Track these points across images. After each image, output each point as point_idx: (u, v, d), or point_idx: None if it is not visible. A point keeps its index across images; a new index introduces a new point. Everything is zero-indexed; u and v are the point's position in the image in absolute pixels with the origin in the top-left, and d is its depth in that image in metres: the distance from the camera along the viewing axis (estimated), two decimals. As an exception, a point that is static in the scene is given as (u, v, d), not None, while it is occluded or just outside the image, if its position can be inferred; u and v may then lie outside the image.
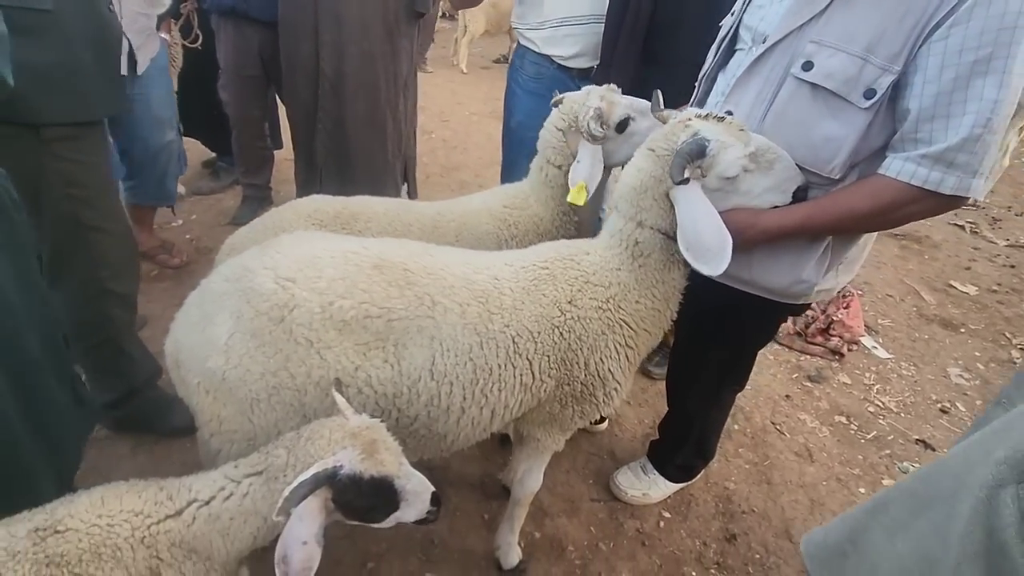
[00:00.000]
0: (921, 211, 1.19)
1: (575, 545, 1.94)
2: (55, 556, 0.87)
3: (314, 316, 1.15)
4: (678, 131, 1.26)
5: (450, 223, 1.74)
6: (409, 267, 1.25)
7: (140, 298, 2.65)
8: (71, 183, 1.64)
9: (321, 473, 0.93)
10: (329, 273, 1.18)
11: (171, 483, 1.03)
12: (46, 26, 1.46)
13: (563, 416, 1.48)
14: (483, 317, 1.26)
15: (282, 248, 1.24)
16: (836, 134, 1.22)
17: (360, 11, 2.41)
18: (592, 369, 1.38)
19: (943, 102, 1.09)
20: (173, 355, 1.24)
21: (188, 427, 1.95)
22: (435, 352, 1.22)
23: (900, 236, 4.54)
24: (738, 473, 2.29)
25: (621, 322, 1.37)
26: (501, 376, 1.29)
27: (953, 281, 3.96)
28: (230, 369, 1.13)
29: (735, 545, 2.00)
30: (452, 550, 1.87)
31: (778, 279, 1.39)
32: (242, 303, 1.15)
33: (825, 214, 1.25)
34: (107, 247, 1.81)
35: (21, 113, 1.47)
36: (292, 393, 1.17)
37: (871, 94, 1.16)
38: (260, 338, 1.14)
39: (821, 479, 2.30)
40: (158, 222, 3.11)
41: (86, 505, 0.94)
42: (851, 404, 2.75)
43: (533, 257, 1.40)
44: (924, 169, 1.13)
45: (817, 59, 1.21)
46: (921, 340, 3.31)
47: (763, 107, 1.32)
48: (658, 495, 2.09)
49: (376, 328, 1.19)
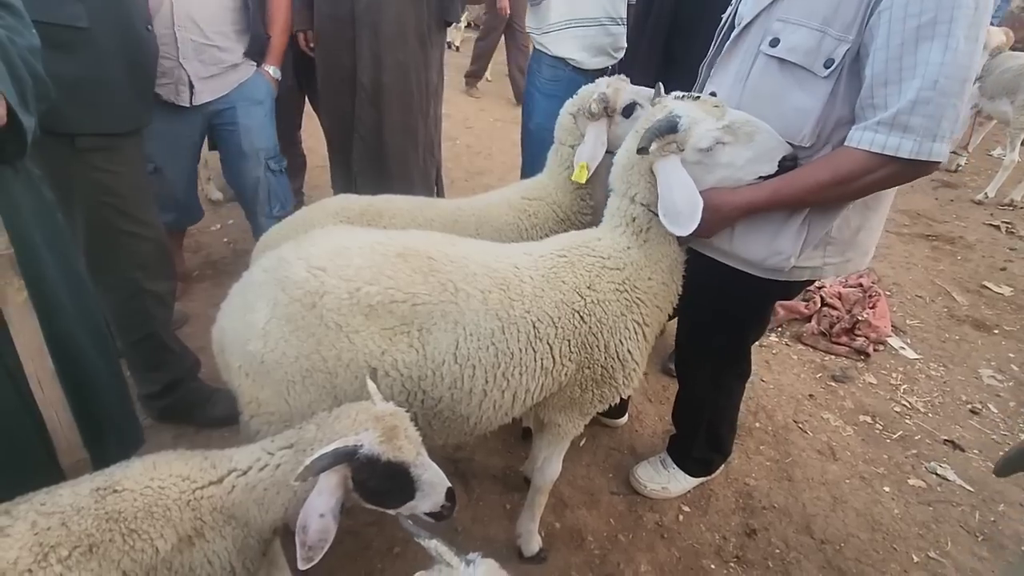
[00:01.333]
0: (883, 178, 1.23)
1: (594, 536, 1.98)
2: (113, 512, 0.97)
3: (342, 302, 1.22)
4: (657, 112, 1.36)
5: (470, 217, 1.83)
6: (432, 255, 1.33)
7: (182, 296, 2.81)
8: (104, 191, 1.74)
9: (341, 448, 1.00)
10: (357, 262, 1.26)
11: (214, 453, 1.13)
12: (81, 42, 1.55)
13: (583, 400, 1.54)
14: (504, 303, 1.34)
15: (315, 241, 1.32)
16: (804, 104, 1.30)
17: (396, 23, 2.50)
18: (612, 351, 1.45)
19: (893, 67, 1.15)
20: (219, 340, 1.33)
21: (226, 418, 2.08)
22: (458, 336, 1.30)
23: (932, 237, 4.45)
24: (759, 470, 2.30)
25: (637, 301, 1.45)
26: (522, 360, 1.36)
27: (987, 282, 3.87)
28: (267, 352, 1.22)
29: (755, 540, 2.01)
30: (475, 538, 1.93)
31: (756, 250, 1.45)
32: (278, 291, 1.23)
33: (791, 187, 1.31)
34: (141, 250, 1.91)
35: (55, 123, 1.52)
36: (324, 375, 1.25)
37: (830, 63, 1.24)
38: (294, 323, 1.22)
39: (844, 477, 2.29)
40: (200, 225, 3.27)
41: (140, 469, 1.05)
42: (876, 404, 2.72)
43: (551, 246, 1.48)
44: (881, 136, 1.17)
45: (783, 35, 1.30)
46: (951, 341, 3.25)
47: (740, 85, 1.41)
48: (678, 489, 2.11)
49: (401, 313, 1.26)
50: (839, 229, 1.43)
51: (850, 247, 1.48)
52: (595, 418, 2.43)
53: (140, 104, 1.82)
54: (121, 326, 1.98)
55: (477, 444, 2.25)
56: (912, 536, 2.06)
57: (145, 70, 1.82)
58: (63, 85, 1.50)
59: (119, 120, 1.74)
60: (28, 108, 1.03)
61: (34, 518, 0.94)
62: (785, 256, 1.42)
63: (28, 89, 1.03)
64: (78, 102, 1.59)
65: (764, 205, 1.35)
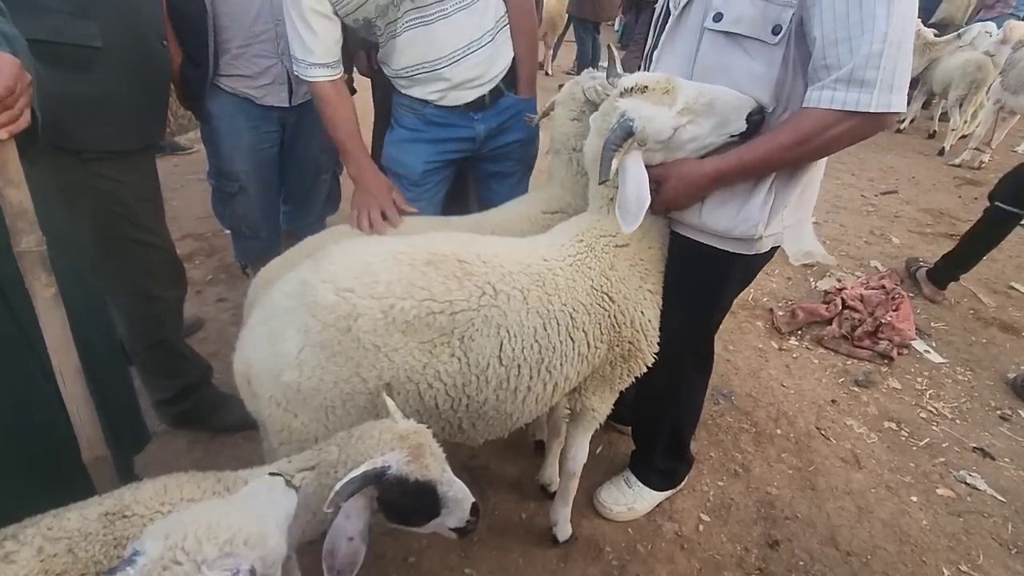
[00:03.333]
0: (843, 133, 1.23)
1: (612, 546, 1.94)
2: (122, 539, 0.94)
3: (377, 322, 1.19)
4: (609, 111, 1.35)
5: (490, 235, 1.74)
6: (463, 258, 1.29)
7: (196, 301, 2.82)
8: (109, 199, 1.72)
9: (370, 472, 0.98)
10: (385, 277, 1.22)
11: (228, 475, 1.09)
12: (94, 61, 1.52)
13: (613, 376, 1.58)
14: (544, 300, 1.34)
15: (335, 259, 1.27)
16: (757, 72, 1.31)
17: None
18: (637, 324, 1.49)
19: (842, 25, 1.15)
20: (243, 373, 1.27)
21: (240, 423, 2.07)
22: (503, 339, 1.28)
23: (956, 236, 4.33)
24: (781, 478, 2.24)
25: (647, 271, 1.51)
26: (563, 351, 1.38)
27: (1015, 283, 3.77)
28: (304, 381, 1.18)
29: (778, 551, 1.96)
30: (490, 547, 1.90)
31: (726, 221, 1.45)
32: (308, 317, 1.19)
33: (755, 151, 1.32)
34: (150, 258, 1.91)
35: (61, 140, 1.52)
36: (366, 397, 1.22)
37: (778, 30, 1.25)
38: (330, 349, 1.18)
39: (869, 486, 2.23)
40: (214, 229, 3.28)
41: (150, 493, 1.01)
42: (902, 410, 2.64)
43: (566, 235, 1.48)
44: (840, 92, 1.18)
45: (725, 9, 1.29)
46: (978, 344, 3.15)
47: (689, 65, 1.40)
48: (644, 507, 2.04)
49: (440, 324, 1.23)
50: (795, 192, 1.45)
51: (800, 206, 1.51)
52: (611, 426, 2.41)
53: (152, 120, 1.81)
54: (133, 333, 1.97)
55: (492, 453, 2.21)
56: (942, 548, 2.00)
57: (158, 86, 1.80)
58: (74, 104, 1.50)
59: (129, 138, 1.72)
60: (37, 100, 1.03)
61: (40, 543, 0.91)
62: (753, 223, 1.43)
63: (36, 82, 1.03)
64: (88, 121, 1.57)
65: (732, 172, 1.35)
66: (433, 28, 1.80)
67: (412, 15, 1.77)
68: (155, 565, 0.71)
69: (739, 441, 2.41)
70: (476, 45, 1.88)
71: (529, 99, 2.09)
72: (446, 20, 1.80)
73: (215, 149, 2.25)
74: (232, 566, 0.72)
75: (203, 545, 0.73)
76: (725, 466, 2.28)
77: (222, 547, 0.73)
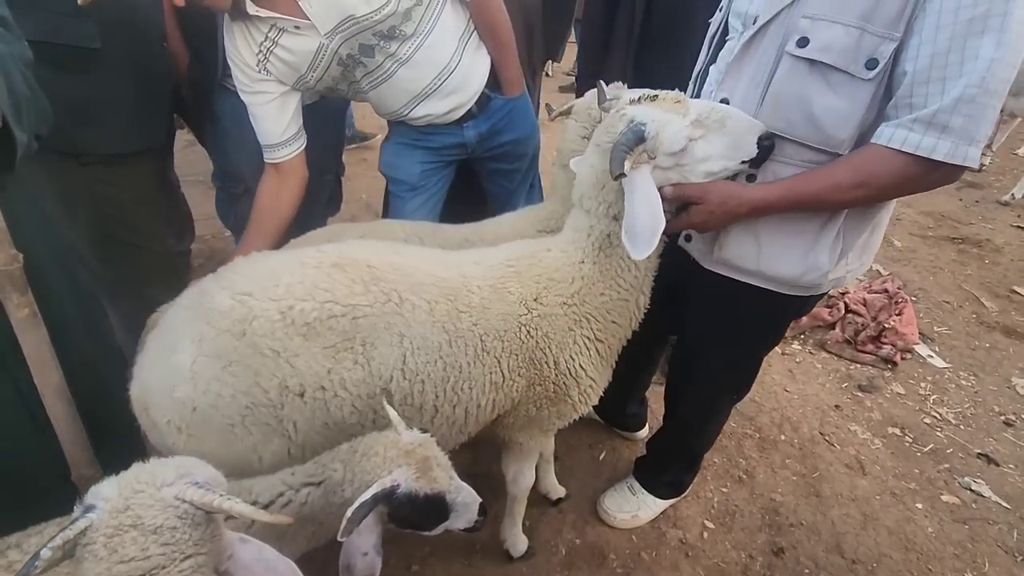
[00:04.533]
0: (908, 180, 1.13)
1: (616, 554, 1.93)
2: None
3: (275, 324, 1.11)
4: (615, 122, 1.24)
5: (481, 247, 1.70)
6: (373, 263, 1.22)
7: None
8: (107, 203, 1.71)
9: (380, 493, 0.97)
10: (286, 280, 1.15)
11: (232, 485, 1.08)
12: (92, 63, 1.51)
13: (540, 418, 1.48)
14: (452, 315, 1.25)
15: (238, 268, 1.21)
16: (839, 108, 1.17)
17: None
18: (563, 367, 1.37)
19: (939, 64, 1.04)
20: (140, 399, 1.17)
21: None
22: (405, 351, 1.21)
23: (958, 240, 4.33)
24: (785, 485, 2.23)
25: (587, 316, 1.36)
26: (471, 374, 1.29)
27: (1017, 287, 3.75)
28: (200, 396, 1.09)
29: (783, 559, 1.95)
30: (493, 554, 1.89)
31: (789, 268, 1.34)
32: (202, 325, 1.11)
33: (808, 186, 1.21)
34: (148, 264, 1.89)
35: (60, 143, 1.50)
36: (268, 409, 1.13)
37: (873, 64, 1.12)
38: (225, 357, 1.09)
39: (874, 493, 2.22)
40: (213, 231, 3.26)
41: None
42: (905, 415, 2.63)
43: (502, 255, 1.39)
44: (916, 135, 1.07)
45: (812, 34, 1.16)
46: (982, 349, 3.14)
47: (759, 90, 1.27)
48: (647, 515, 2.02)
49: (342, 328, 1.15)
50: (864, 235, 1.35)
51: (865, 250, 1.40)
52: (614, 431, 2.39)
53: (152, 122, 1.79)
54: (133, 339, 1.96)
55: (494, 459, 2.19)
56: (948, 556, 1.98)
57: (159, 87, 1.78)
58: (72, 106, 1.49)
59: (128, 140, 1.70)
60: (22, 124, 0.99)
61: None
62: (823, 271, 1.33)
63: (24, 104, 0.99)
64: (86, 123, 1.56)
65: (777, 205, 1.24)
66: (397, 77, 1.77)
67: (371, 76, 1.76)
68: (117, 501, 0.72)
69: (743, 447, 2.40)
70: (446, 72, 1.82)
71: (519, 96, 2.03)
72: (407, 65, 1.75)
73: (221, 150, 2.24)
74: (190, 479, 0.76)
75: (157, 474, 0.76)
76: (729, 472, 2.27)
77: (176, 470, 0.77)
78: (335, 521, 1.01)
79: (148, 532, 0.71)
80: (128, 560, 0.69)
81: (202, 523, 0.75)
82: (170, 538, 0.72)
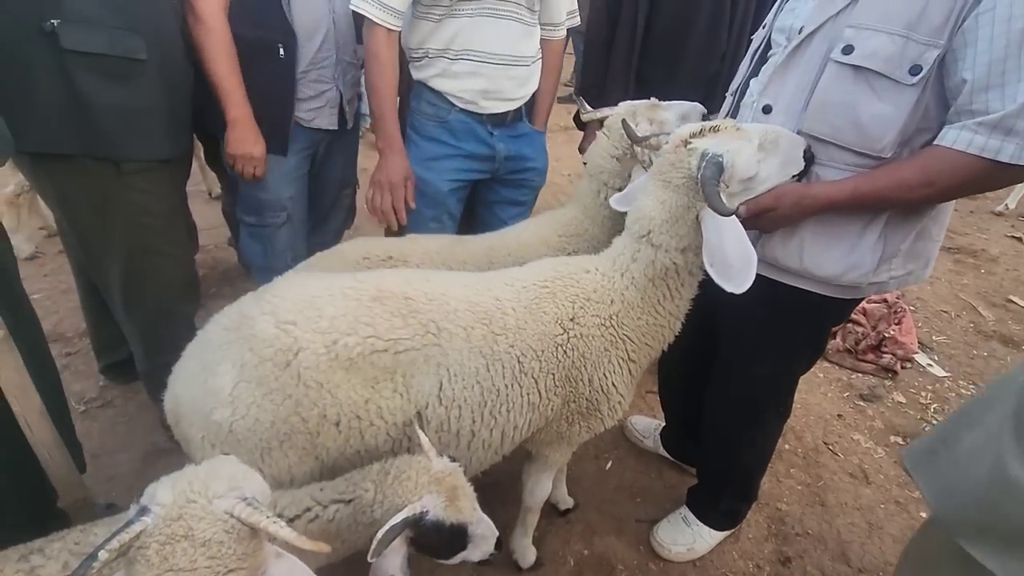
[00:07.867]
0: (974, 180, 1.16)
1: (624, 564, 1.93)
2: None
3: (320, 358, 1.12)
4: (683, 157, 1.25)
5: (506, 257, 1.71)
6: (410, 295, 1.24)
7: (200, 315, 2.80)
8: (143, 211, 1.76)
9: (410, 518, 1.01)
10: (329, 312, 1.16)
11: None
12: (138, 73, 1.61)
13: (570, 433, 1.50)
14: (488, 339, 1.26)
15: (278, 291, 1.22)
16: (884, 113, 1.22)
17: None
18: (596, 385, 1.40)
19: (996, 71, 1.08)
20: (173, 411, 1.20)
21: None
22: (442, 378, 1.23)
23: (954, 250, 4.39)
24: (790, 494, 2.24)
25: (624, 338, 1.39)
26: (508, 396, 1.30)
27: (1013, 296, 3.80)
28: (237, 420, 1.10)
29: (789, 568, 1.96)
30: (501, 565, 1.88)
31: (832, 266, 1.36)
32: (244, 351, 1.12)
33: (873, 184, 1.24)
34: (173, 271, 1.93)
35: (105, 149, 1.61)
36: (304, 436, 1.16)
37: (917, 70, 1.16)
38: (267, 385, 1.11)
39: (879, 502, 2.23)
40: (216, 242, 3.27)
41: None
42: (907, 424, 2.66)
43: (534, 276, 1.40)
44: (982, 137, 1.11)
45: (857, 42, 1.21)
46: (980, 357, 3.18)
47: (804, 96, 1.32)
48: (703, 548, 1.97)
49: (383, 363, 1.18)
50: (908, 240, 1.36)
51: (910, 257, 1.41)
52: (621, 442, 2.40)
53: (182, 131, 1.87)
54: (149, 348, 1.98)
55: (503, 471, 2.19)
56: (953, 565, 2.00)
57: (186, 96, 1.85)
58: (116, 114, 1.60)
59: (165, 147, 1.77)
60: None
61: (67, 559, 0.92)
62: (864, 271, 1.34)
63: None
64: (129, 130, 1.64)
65: (844, 202, 1.27)
66: (501, 24, 1.87)
67: (491, 2, 1.84)
68: (171, 509, 0.76)
69: (747, 456, 2.41)
70: (522, 61, 1.96)
71: (541, 133, 2.18)
72: (514, 23, 1.88)
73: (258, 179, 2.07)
74: (240, 494, 0.80)
75: (210, 485, 0.79)
76: (734, 482, 2.28)
77: (228, 482, 0.80)
78: (358, 539, 1.04)
79: (198, 545, 0.74)
80: (177, 570, 0.72)
81: (246, 538, 0.78)
82: (217, 552, 0.74)
